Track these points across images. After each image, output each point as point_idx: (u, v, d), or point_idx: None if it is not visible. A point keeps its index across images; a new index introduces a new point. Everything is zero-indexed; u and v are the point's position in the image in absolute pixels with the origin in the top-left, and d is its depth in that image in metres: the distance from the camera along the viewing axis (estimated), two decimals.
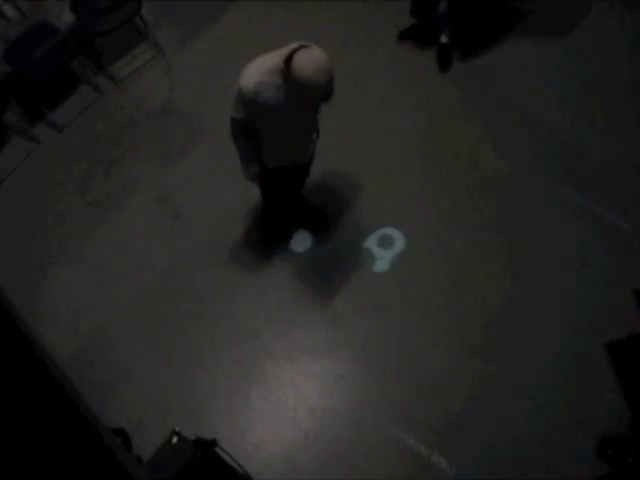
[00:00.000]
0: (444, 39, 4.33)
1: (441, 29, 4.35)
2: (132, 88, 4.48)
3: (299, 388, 3.50)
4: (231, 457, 2.87)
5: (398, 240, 3.83)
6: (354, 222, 3.90)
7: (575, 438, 3.27)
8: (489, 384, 3.43)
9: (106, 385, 3.52)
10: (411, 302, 3.67)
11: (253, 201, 3.89)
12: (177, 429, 2.79)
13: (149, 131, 4.29)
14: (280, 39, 2.78)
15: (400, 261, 3.78)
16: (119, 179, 4.15)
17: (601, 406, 3.33)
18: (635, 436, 3.20)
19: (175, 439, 2.77)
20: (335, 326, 3.64)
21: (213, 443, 2.82)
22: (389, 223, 3.87)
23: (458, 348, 3.53)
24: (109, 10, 4.13)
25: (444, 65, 4.34)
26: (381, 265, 3.78)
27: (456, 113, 4.19)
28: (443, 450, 3.29)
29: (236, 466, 2.89)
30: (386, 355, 3.54)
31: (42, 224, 4.03)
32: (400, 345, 3.56)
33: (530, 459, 3.25)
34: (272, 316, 3.67)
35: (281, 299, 3.71)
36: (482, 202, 3.91)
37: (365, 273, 3.76)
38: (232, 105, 2.88)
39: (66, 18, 4.33)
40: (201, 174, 4.09)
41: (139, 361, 3.59)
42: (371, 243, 3.84)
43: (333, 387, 3.51)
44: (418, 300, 3.67)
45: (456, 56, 4.36)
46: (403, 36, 4.46)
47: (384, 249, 3.82)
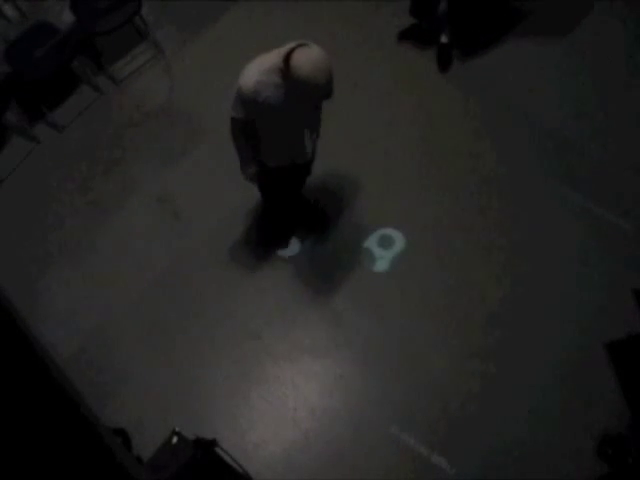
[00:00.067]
0: (444, 39, 4.34)
1: (441, 29, 4.35)
2: (132, 88, 4.48)
3: (299, 388, 3.50)
4: (231, 457, 2.87)
5: (398, 240, 3.83)
6: (354, 222, 3.90)
7: (575, 438, 3.27)
8: (489, 384, 3.43)
9: (106, 385, 3.52)
10: (411, 302, 3.67)
11: (253, 201, 3.89)
12: (177, 429, 2.80)
13: (149, 131, 4.29)
14: (280, 39, 2.78)
15: (400, 261, 3.78)
16: (119, 179, 4.15)
17: (601, 406, 3.34)
18: (635, 436, 3.20)
19: (175, 439, 2.77)
20: (335, 326, 3.64)
21: (213, 443, 2.82)
22: (389, 223, 3.87)
23: (458, 348, 3.53)
24: (109, 10, 4.13)
25: (444, 65, 4.34)
26: (381, 265, 3.79)
27: (456, 113, 4.19)
28: (443, 450, 3.29)
29: (236, 466, 2.89)
30: (386, 355, 3.54)
31: (42, 224, 4.03)
32: (400, 345, 3.56)
33: (530, 459, 3.25)
34: (272, 316, 3.67)
35: (281, 299, 3.71)
36: (482, 202, 3.91)
37: (365, 273, 3.76)
38: (232, 105, 2.89)
39: (66, 18, 4.33)
40: (201, 174, 4.09)
41: (139, 361, 3.59)
42: (371, 243, 3.84)
43: (333, 387, 3.51)
44: (418, 300, 3.67)
45: (456, 56, 4.36)
46: (403, 36, 4.46)
47: (384, 249, 3.82)
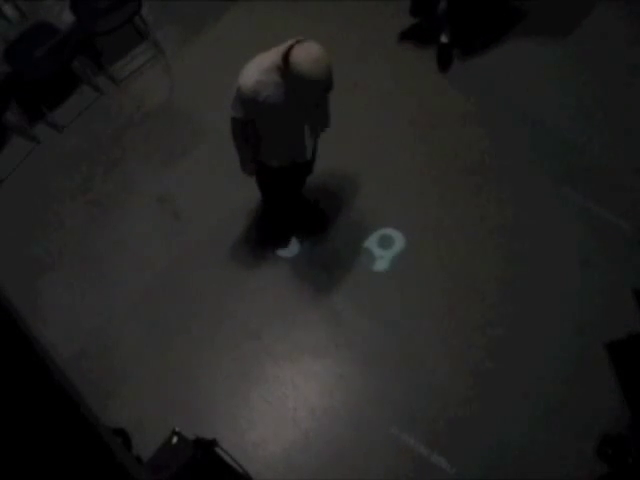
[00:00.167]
0: (444, 39, 4.33)
1: (441, 29, 4.35)
2: (132, 88, 4.47)
3: (299, 388, 3.50)
4: (231, 457, 2.86)
5: (398, 240, 3.83)
6: (354, 222, 3.90)
7: (575, 438, 3.27)
8: (489, 384, 3.43)
9: (106, 385, 3.52)
10: (411, 302, 3.67)
11: (253, 201, 3.89)
12: (177, 429, 2.80)
13: (149, 131, 4.29)
14: (280, 39, 2.77)
15: (400, 261, 3.78)
16: (119, 179, 4.15)
17: (601, 406, 3.34)
18: (635, 436, 3.19)
19: (175, 439, 2.77)
20: (335, 326, 3.64)
21: (213, 443, 2.82)
22: (389, 223, 3.87)
23: (458, 348, 3.53)
24: (109, 10, 4.13)
25: (444, 65, 4.34)
26: (381, 265, 3.78)
27: (456, 113, 4.19)
28: (443, 450, 3.29)
29: (236, 466, 2.88)
30: (386, 355, 3.54)
31: (42, 224, 4.03)
32: (400, 345, 3.56)
33: (530, 459, 3.25)
34: (272, 316, 3.67)
35: (281, 299, 3.71)
36: (482, 202, 3.91)
37: (365, 273, 3.76)
38: (231, 105, 2.89)
39: (66, 18, 4.33)
40: (201, 174, 4.10)
41: (139, 361, 3.59)
42: (371, 243, 3.84)
43: (333, 387, 3.51)
44: (418, 300, 3.67)
45: (456, 56, 4.36)
46: (404, 36, 4.46)
47: (384, 249, 3.82)
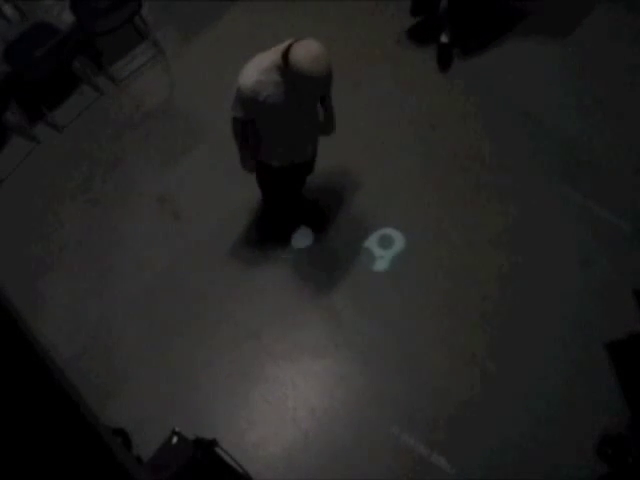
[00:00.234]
0: (444, 39, 4.34)
1: (441, 28, 4.35)
2: (132, 88, 4.47)
3: (299, 388, 3.50)
4: (231, 457, 2.87)
5: (398, 240, 3.83)
6: (354, 222, 3.90)
7: (575, 438, 3.27)
8: (489, 384, 3.43)
9: (106, 385, 3.51)
10: (411, 302, 3.67)
11: (253, 201, 3.90)
12: (177, 429, 2.79)
13: (149, 131, 4.29)
14: (280, 39, 2.77)
15: (400, 261, 3.78)
16: (119, 179, 4.15)
17: (601, 406, 3.34)
18: (635, 436, 3.20)
19: (175, 439, 2.77)
20: (335, 326, 3.64)
21: (213, 443, 2.82)
22: (389, 223, 3.87)
23: (458, 348, 3.53)
24: (109, 10, 4.12)
25: (444, 65, 4.34)
26: (381, 265, 3.78)
27: (456, 113, 4.19)
28: (443, 450, 3.29)
29: (236, 466, 2.89)
30: (386, 355, 3.54)
31: (42, 224, 4.03)
32: (400, 345, 3.56)
33: (530, 459, 3.25)
34: (272, 316, 3.67)
35: (281, 299, 3.71)
36: (482, 202, 3.91)
37: (365, 273, 3.76)
38: (231, 105, 2.89)
39: (66, 18, 4.33)
40: (201, 174, 4.10)
41: (139, 361, 3.59)
42: (371, 243, 3.84)
43: (333, 387, 3.51)
44: (418, 300, 3.67)
45: (456, 56, 4.36)
46: (409, 35, 4.45)
47: (384, 249, 3.82)
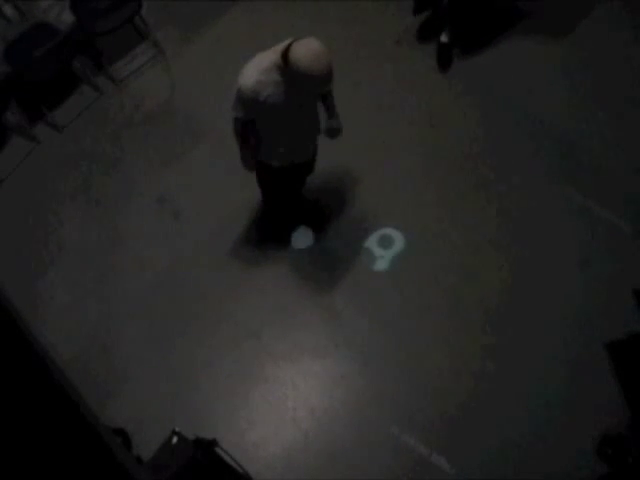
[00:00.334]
0: (444, 38, 4.33)
1: (442, 28, 4.35)
2: (132, 88, 4.47)
3: (299, 388, 3.50)
4: (231, 457, 2.87)
5: (398, 240, 3.83)
6: (354, 222, 3.90)
7: (575, 438, 3.27)
8: (489, 384, 3.43)
9: (106, 385, 3.52)
10: (411, 302, 3.67)
11: (253, 201, 3.89)
12: (177, 429, 2.80)
13: (149, 131, 4.29)
14: (280, 39, 2.77)
15: (400, 261, 3.78)
16: (119, 179, 4.15)
17: (601, 406, 3.33)
18: (635, 436, 3.19)
19: (175, 439, 2.77)
20: (335, 326, 3.64)
21: (213, 443, 2.82)
22: (389, 223, 3.87)
23: (458, 348, 3.53)
24: (109, 10, 4.13)
25: (444, 65, 4.34)
26: (381, 265, 3.78)
27: (456, 113, 4.19)
28: (443, 450, 3.29)
29: (236, 466, 2.89)
30: (386, 355, 3.54)
31: (42, 224, 4.03)
32: (400, 345, 3.56)
33: (530, 459, 3.25)
34: (272, 316, 3.67)
35: (281, 299, 3.71)
36: (482, 202, 3.91)
37: (365, 273, 3.76)
38: (232, 105, 2.89)
39: (66, 18, 4.33)
40: (201, 174, 4.09)
41: (139, 361, 3.59)
42: (371, 243, 3.84)
43: (333, 387, 3.51)
44: (418, 300, 3.67)
45: (456, 55, 4.36)
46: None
47: (384, 249, 3.82)
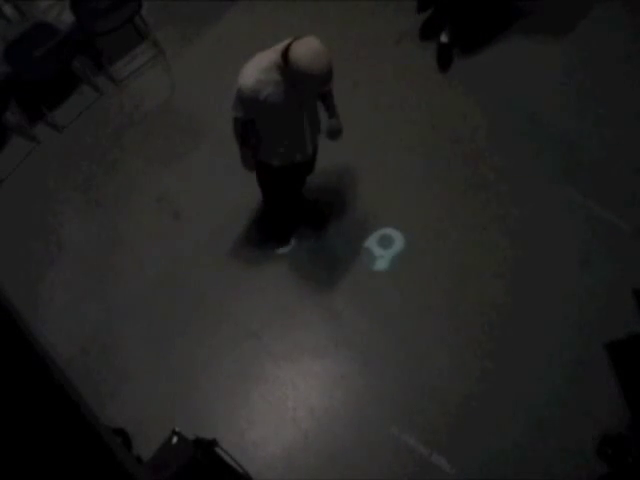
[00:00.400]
0: (444, 38, 4.33)
1: (442, 28, 4.35)
2: (132, 88, 4.47)
3: (299, 388, 3.50)
4: (231, 457, 2.87)
5: (398, 240, 3.83)
6: (354, 222, 3.90)
7: (575, 438, 3.27)
8: (489, 384, 3.43)
9: (106, 385, 3.52)
10: (411, 302, 3.66)
11: (253, 201, 3.89)
12: (177, 429, 2.80)
13: (149, 131, 4.29)
14: (280, 39, 2.77)
15: (400, 261, 3.78)
16: (119, 179, 4.15)
17: (601, 406, 3.33)
18: (635, 436, 3.19)
19: (175, 439, 2.77)
20: (335, 326, 3.64)
21: (213, 443, 2.82)
22: (389, 223, 3.87)
23: (458, 348, 3.53)
24: (109, 10, 4.13)
25: (444, 65, 4.34)
26: (381, 264, 3.78)
27: (456, 113, 4.19)
28: (443, 450, 3.29)
29: (236, 466, 2.89)
30: (386, 355, 3.54)
31: (42, 224, 4.03)
32: (400, 345, 3.56)
33: (530, 459, 3.25)
34: (272, 316, 3.67)
35: (281, 299, 3.71)
36: (482, 202, 3.91)
37: (365, 272, 3.76)
38: (232, 105, 2.89)
39: (66, 18, 4.33)
40: (201, 174, 4.09)
41: (139, 361, 3.59)
42: (371, 243, 3.84)
43: (333, 387, 3.51)
44: (418, 300, 3.67)
45: (456, 55, 4.36)
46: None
47: (384, 249, 3.82)
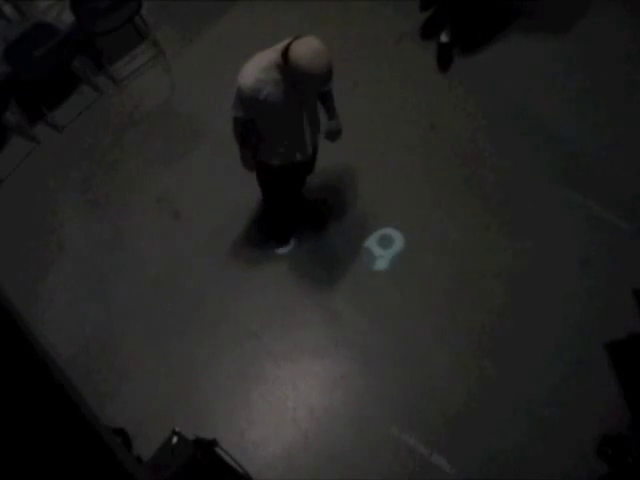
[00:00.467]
0: (444, 38, 4.33)
1: (442, 28, 4.35)
2: (132, 88, 4.47)
3: (299, 388, 3.50)
4: (231, 457, 2.87)
5: (398, 240, 3.83)
6: (354, 222, 3.90)
7: (575, 438, 3.27)
8: (489, 384, 3.43)
9: (106, 385, 3.52)
10: (411, 302, 3.67)
11: (253, 201, 3.89)
12: (177, 429, 2.79)
13: (149, 131, 4.29)
14: (280, 39, 2.77)
15: (400, 261, 3.78)
16: (119, 179, 4.15)
17: (601, 406, 3.33)
18: (635, 436, 3.19)
19: (175, 439, 2.76)
20: (335, 326, 3.64)
21: (213, 443, 2.82)
22: (389, 223, 3.87)
23: (458, 348, 3.53)
24: (109, 10, 4.12)
25: (444, 65, 4.34)
26: (381, 264, 3.78)
27: (456, 113, 4.19)
28: (443, 450, 3.29)
29: (236, 466, 2.89)
30: (386, 355, 3.54)
31: (42, 224, 4.03)
32: (400, 345, 3.56)
33: (530, 459, 3.25)
34: (272, 316, 3.67)
35: (281, 298, 3.71)
36: (482, 202, 3.91)
37: (365, 272, 3.76)
38: (232, 104, 2.90)
39: (66, 18, 4.33)
40: (201, 174, 4.09)
41: (139, 361, 3.60)
42: (371, 243, 3.84)
43: (333, 387, 3.51)
44: (418, 300, 3.67)
45: (456, 55, 4.36)
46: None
47: (384, 249, 3.82)
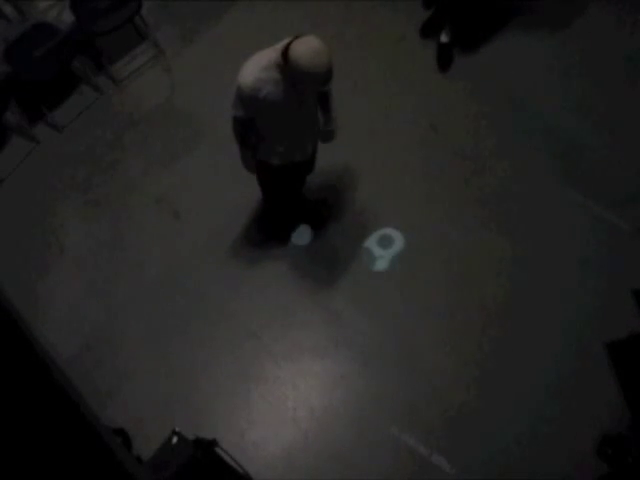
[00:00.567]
0: (444, 38, 4.33)
1: (442, 27, 4.35)
2: (132, 88, 4.47)
3: (299, 388, 3.50)
4: (231, 457, 2.87)
5: (398, 240, 3.83)
6: (354, 222, 3.90)
7: (575, 438, 3.27)
8: (489, 384, 3.43)
9: (106, 385, 3.52)
10: (411, 302, 3.67)
11: (253, 201, 3.90)
12: (177, 429, 2.79)
13: (149, 131, 4.29)
14: (280, 38, 2.77)
15: (400, 261, 3.78)
16: (119, 179, 4.15)
17: (601, 406, 3.34)
18: (635, 436, 3.20)
19: (175, 439, 2.77)
20: (335, 326, 3.64)
21: (213, 443, 2.82)
22: (389, 223, 3.87)
23: (458, 348, 3.53)
24: (109, 10, 4.12)
25: (444, 65, 4.34)
26: (381, 264, 3.78)
27: (456, 113, 4.19)
28: (443, 450, 3.29)
29: (236, 466, 2.89)
30: (386, 355, 3.54)
31: (42, 224, 4.03)
32: (400, 345, 3.56)
33: (530, 459, 3.25)
34: (272, 316, 3.67)
35: (281, 299, 3.71)
36: (482, 202, 3.91)
37: (365, 272, 3.76)
38: (232, 104, 2.90)
39: (66, 18, 4.33)
40: (201, 174, 4.09)
41: (139, 361, 3.59)
42: (371, 243, 3.84)
43: (333, 387, 3.51)
44: (418, 300, 3.67)
45: (456, 55, 4.36)
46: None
47: (384, 249, 3.82)
